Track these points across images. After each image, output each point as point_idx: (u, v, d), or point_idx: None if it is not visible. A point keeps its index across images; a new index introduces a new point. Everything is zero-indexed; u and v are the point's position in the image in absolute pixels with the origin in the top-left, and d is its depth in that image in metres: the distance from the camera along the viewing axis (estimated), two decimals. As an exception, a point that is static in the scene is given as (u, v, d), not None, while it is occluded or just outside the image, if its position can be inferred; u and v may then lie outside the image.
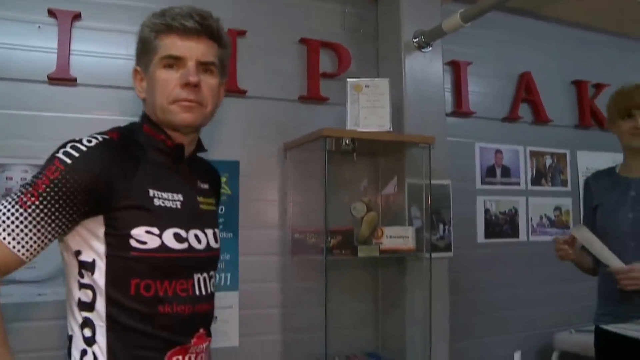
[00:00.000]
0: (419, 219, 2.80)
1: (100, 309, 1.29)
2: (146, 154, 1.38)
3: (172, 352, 1.33)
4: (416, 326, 2.76)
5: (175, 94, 1.35)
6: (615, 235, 2.37)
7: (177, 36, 1.36)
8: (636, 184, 2.37)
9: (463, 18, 2.52)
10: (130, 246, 1.29)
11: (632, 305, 2.29)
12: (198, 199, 1.47)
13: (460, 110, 3.32)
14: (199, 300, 1.40)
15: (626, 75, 3.90)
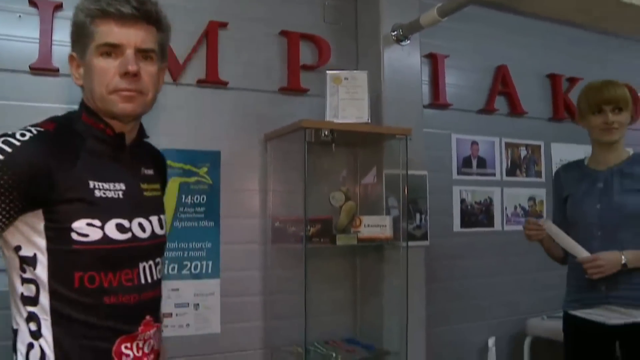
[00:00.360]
0: (396, 209, 2.86)
1: (45, 303, 1.28)
2: (85, 143, 1.34)
3: (120, 341, 1.33)
4: (393, 313, 2.82)
5: (115, 83, 1.32)
6: (584, 224, 2.45)
7: (114, 22, 1.31)
8: (604, 176, 2.45)
9: (440, 13, 2.58)
10: (72, 239, 1.27)
11: (597, 292, 2.38)
12: (142, 186, 1.45)
13: (437, 102, 3.38)
14: (145, 289, 1.39)
15: (599, 70, 4.00)
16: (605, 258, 2.30)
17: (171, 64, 2.56)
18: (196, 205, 2.63)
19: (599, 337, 2.43)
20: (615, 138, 2.45)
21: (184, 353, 2.52)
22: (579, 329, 2.49)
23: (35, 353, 1.27)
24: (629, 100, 2.47)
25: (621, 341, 2.38)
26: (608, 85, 2.48)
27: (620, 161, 2.46)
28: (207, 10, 2.72)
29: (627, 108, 2.46)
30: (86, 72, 1.34)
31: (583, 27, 4.07)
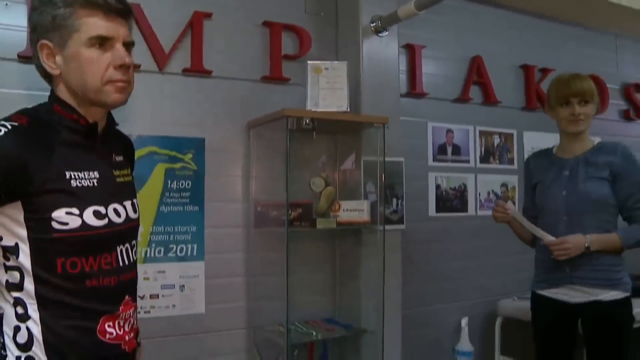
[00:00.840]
0: (373, 194, 2.94)
1: (29, 288, 1.32)
2: (59, 135, 1.37)
3: (103, 320, 1.39)
4: (370, 294, 2.91)
5: (110, 74, 1.36)
6: (551, 210, 2.58)
7: (102, 15, 1.35)
8: (570, 164, 2.58)
9: (417, 6, 2.67)
10: (52, 228, 1.31)
11: (563, 273, 2.52)
12: (114, 173, 1.49)
13: (414, 92, 3.47)
14: (123, 271, 1.45)
15: (570, 61, 4.11)
16: (570, 241, 2.44)
17: (157, 53, 2.62)
18: (181, 191, 2.69)
19: (563, 315, 2.57)
20: (581, 129, 2.58)
21: (170, 333, 2.60)
22: (545, 307, 2.64)
23: (22, 334, 1.32)
24: (594, 92, 2.59)
25: (583, 318, 2.53)
26: (575, 78, 2.60)
27: (585, 150, 2.59)
28: (192, 1, 2.76)
29: (593, 100, 2.57)
30: (70, 62, 1.36)
31: (555, 19, 4.17)
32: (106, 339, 1.38)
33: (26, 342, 1.32)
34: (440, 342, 3.59)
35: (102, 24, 1.35)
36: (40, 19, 1.35)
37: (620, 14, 4.07)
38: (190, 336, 2.70)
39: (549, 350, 2.67)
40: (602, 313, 2.49)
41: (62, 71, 1.36)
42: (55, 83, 1.40)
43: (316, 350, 2.98)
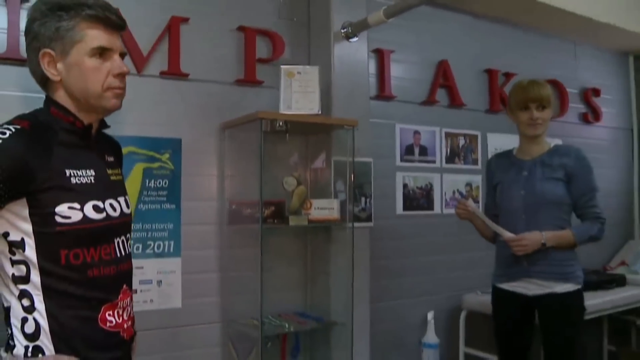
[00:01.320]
0: (343, 193, 3.04)
1: (36, 281, 1.41)
2: (57, 136, 1.47)
3: (104, 309, 1.49)
4: (340, 288, 3.01)
5: (109, 82, 1.49)
6: (510, 208, 2.74)
7: (103, 28, 1.48)
8: (528, 166, 2.74)
9: (386, 14, 2.80)
10: (56, 222, 1.41)
11: (521, 267, 2.68)
12: (108, 172, 1.59)
13: (383, 95, 3.56)
14: (121, 261, 1.56)
15: (532, 66, 4.27)
16: (528, 238, 2.60)
17: (136, 56, 2.68)
18: (159, 189, 2.75)
19: (522, 307, 2.73)
20: (539, 132, 2.74)
21: (148, 327, 2.62)
22: (505, 299, 2.79)
23: (30, 325, 1.41)
24: (551, 98, 2.74)
25: (539, 309, 2.69)
26: (534, 85, 2.75)
27: (542, 152, 2.75)
28: (170, 6, 2.83)
29: (550, 105, 2.73)
30: (72, 69, 1.47)
31: (518, 26, 4.31)
32: (107, 327, 1.49)
33: (34, 332, 1.41)
34: (407, 334, 3.68)
35: (103, 36, 1.48)
36: (42, 29, 1.45)
37: (577, 22, 4.24)
38: (168, 330, 2.76)
39: (509, 339, 2.83)
40: (557, 304, 2.65)
41: (62, 78, 1.48)
42: (53, 88, 1.50)
43: (288, 342, 3.08)
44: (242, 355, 2.89)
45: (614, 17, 4.34)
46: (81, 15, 1.45)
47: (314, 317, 3.05)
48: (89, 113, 1.52)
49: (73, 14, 1.45)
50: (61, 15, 1.45)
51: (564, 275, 2.66)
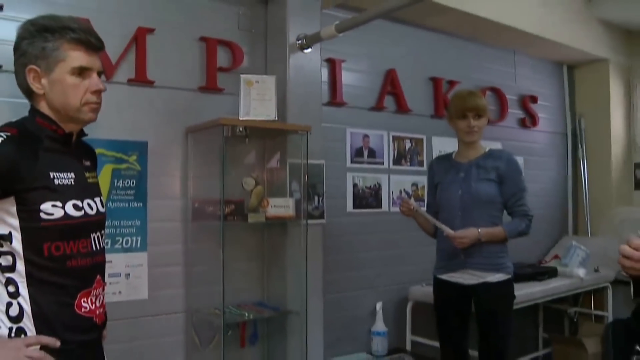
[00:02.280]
0: (297, 192, 3.20)
1: (21, 269, 1.57)
2: (42, 143, 1.62)
3: (80, 296, 1.65)
4: (295, 280, 3.17)
5: (87, 98, 1.66)
6: (449, 206, 3.00)
7: (84, 50, 1.65)
8: (465, 168, 3.01)
9: (337, 29, 3.00)
10: (40, 218, 1.57)
11: (458, 260, 2.95)
12: (86, 175, 1.74)
13: (334, 101, 3.73)
14: (96, 254, 1.72)
15: (474, 74, 4.55)
16: (467, 234, 2.87)
17: (105, 64, 2.76)
18: (127, 189, 2.89)
19: (459, 295, 2.99)
20: (475, 139, 3.01)
21: (116, 317, 2.69)
22: (444, 289, 3.05)
23: (14, 309, 1.58)
24: (486, 108, 3.02)
25: (475, 297, 2.95)
26: (471, 95, 3.03)
27: (478, 156, 3.02)
28: (137, 17, 2.94)
29: (485, 114, 3.00)
30: (55, 85, 1.63)
31: (461, 37, 4.52)
32: (82, 312, 1.66)
33: (17, 315, 1.58)
34: (357, 323, 3.84)
35: (84, 57, 1.65)
36: (30, 48, 1.63)
37: (516, 36, 4.52)
38: (135, 319, 2.87)
39: (448, 325, 3.08)
40: (490, 292, 2.92)
41: (46, 92, 1.65)
42: (37, 100, 1.67)
43: (247, 330, 3.25)
44: (204, 343, 3.07)
45: (549, 31, 4.62)
46: (65, 37, 1.63)
47: (271, 306, 3.22)
48: (68, 123, 1.69)
49: (58, 36, 1.62)
50: (47, 37, 1.62)
51: (496, 267, 2.93)
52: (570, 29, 4.87)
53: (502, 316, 2.95)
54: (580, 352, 4.33)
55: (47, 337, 1.59)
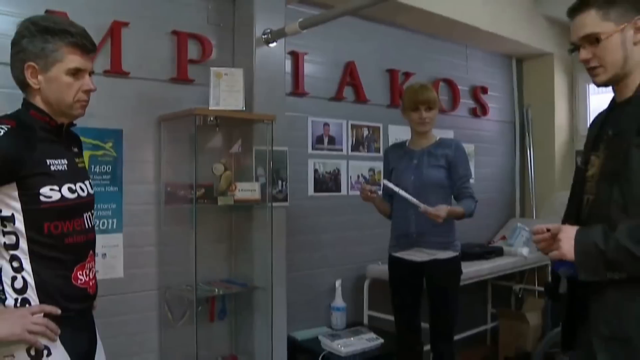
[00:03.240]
0: (263, 177, 3.38)
1: (24, 247, 1.73)
2: (37, 133, 1.77)
3: (77, 268, 1.83)
4: (261, 259, 3.36)
5: (79, 96, 1.83)
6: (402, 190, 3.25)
7: (80, 52, 1.81)
8: (417, 155, 3.26)
9: (301, 26, 3.18)
10: (40, 201, 1.73)
11: (411, 239, 3.20)
12: (75, 160, 1.91)
13: (297, 91, 3.92)
14: (88, 232, 1.90)
15: (428, 67, 4.78)
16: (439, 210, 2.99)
17: None
18: (103, 174, 3.02)
19: (412, 271, 3.23)
20: (427, 129, 3.26)
21: None
22: (398, 265, 3.30)
23: (19, 282, 1.76)
24: (437, 100, 3.26)
25: (426, 272, 3.20)
26: (423, 89, 3.26)
27: (429, 144, 3.27)
28: (112, 11, 3.06)
29: (436, 106, 3.24)
30: (51, 82, 1.79)
31: (417, 32, 4.74)
32: (78, 283, 1.86)
33: (22, 288, 1.77)
34: (318, 299, 4.06)
35: (79, 59, 1.83)
36: (30, 46, 1.78)
37: (468, 31, 4.78)
38: (112, 296, 2.99)
39: (402, 300, 3.33)
40: (440, 268, 3.18)
41: (41, 87, 1.81)
42: (32, 94, 1.83)
43: (217, 305, 3.43)
44: (176, 318, 3.25)
45: (499, 27, 4.90)
46: (64, 41, 1.80)
47: (239, 283, 3.41)
48: (60, 117, 1.88)
49: (57, 38, 1.79)
50: (47, 38, 1.77)
51: (445, 245, 3.20)
52: (519, 25, 5.16)
53: (451, 291, 3.22)
54: (524, 324, 4.67)
55: (49, 306, 1.78)
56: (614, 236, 1.57)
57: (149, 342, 3.25)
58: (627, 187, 1.64)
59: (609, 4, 1.72)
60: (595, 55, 1.76)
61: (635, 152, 1.62)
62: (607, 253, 1.57)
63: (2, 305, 1.78)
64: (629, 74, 1.75)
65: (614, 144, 1.73)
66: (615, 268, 1.59)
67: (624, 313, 1.64)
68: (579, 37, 1.79)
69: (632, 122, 1.68)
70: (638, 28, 1.72)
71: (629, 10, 1.72)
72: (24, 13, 2.66)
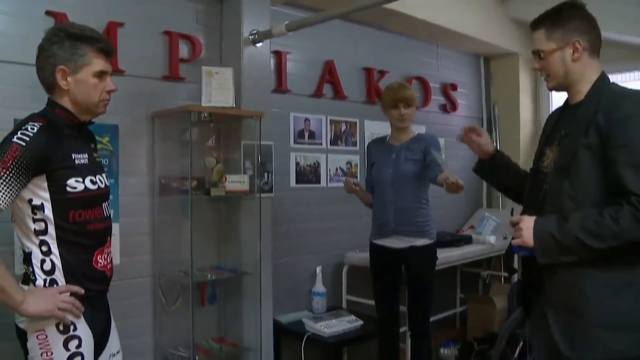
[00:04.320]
0: (251, 169, 3.56)
1: (52, 233, 1.93)
2: (62, 130, 1.97)
3: (97, 253, 2.05)
4: (249, 246, 3.54)
5: (103, 95, 2.06)
6: (383, 183, 3.48)
7: (104, 57, 2.04)
8: (396, 150, 3.48)
9: (287, 28, 3.37)
10: (67, 191, 1.93)
11: (390, 227, 3.43)
12: (94, 155, 2.11)
13: (280, 89, 4.09)
14: (107, 219, 2.12)
15: (402, 65, 4.99)
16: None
17: None
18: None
19: (392, 258, 3.47)
20: (406, 125, 3.49)
21: None
22: (378, 252, 3.53)
23: (47, 264, 1.96)
24: (414, 98, 3.49)
25: (404, 258, 3.43)
26: (401, 88, 3.49)
27: (408, 139, 3.50)
28: (107, 12, 3.20)
29: (414, 103, 3.47)
30: (78, 84, 2.00)
31: (392, 32, 4.95)
32: (98, 266, 2.07)
33: (50, 270, 1.97)
34: (301, 285, 4.25)
35: (104, 63, 2.06)
36: (60, 51, 1.99)
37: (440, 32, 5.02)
38: None
39: (383, 285, 3.56)
40: (417, 254, 3.41)
41: (70, 88, 2.02)
42: (60, 94, 2.03)
43: (207, 290, 3.62)
44: (170, 302, 3.44)
45: (469, 28, 5.15)
46: (92, 47, 2.02)
47: (229, 269, 3.59)
48: (84, 114, 2.08)
49: (86, 45, 2.01)
50: (76, 44, 1.99)
51: (422, 233, 3.43)
52: (487, 26, 5.43)
53: (427, 277, 3.47)
54: (491, 308, 4.95)
55: (75, 286, 1.99)
56: (567, 226, 1.87)
57: (144, 326, 3.39)
58: (576, 181, 1.93)
59: (554, 26, 2.04)
60: (543, 67, 2.09)
61: (583, 151, 1.91)
62: (562, 241, 1.87)
63: (33, 286, 1.97)
64: (575, 84, 2.05)
65: (565, 143, 2.01)
66: (567, 253, 1.88)
67: (574, 290, 1.92)
68: (532, 50, 2.13)
69: (580, 124, 1.96)
70: (576, 48, 2.02)
71: (570, 33, 2.02)
72: (24, 14, 2.91)
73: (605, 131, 1.88)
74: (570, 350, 1.92)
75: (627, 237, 1.80)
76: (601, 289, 1.89)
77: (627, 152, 1.84)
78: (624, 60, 5.24)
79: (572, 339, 1.92)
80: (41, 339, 1.95)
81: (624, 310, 1.87)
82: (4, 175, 1.81)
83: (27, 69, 2.79)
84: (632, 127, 1.86)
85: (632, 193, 1.80)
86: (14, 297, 1.86)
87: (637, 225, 1.78)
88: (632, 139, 1.85)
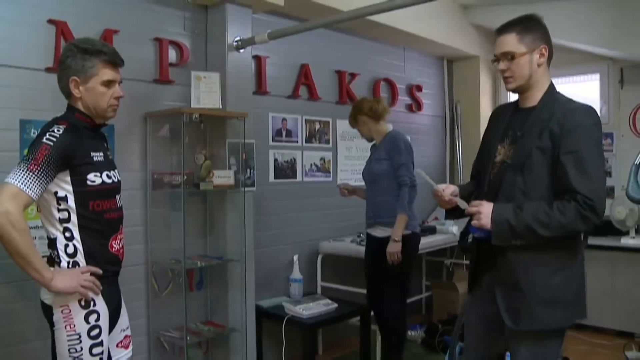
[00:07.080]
0: (234, 165, 3.82)
1: (74, 220, 2.18)
2: (82, 131, 2.21)
3: (112, 238, 2.30)
4: (233, 237, 3.82)
5: (111, 102, 2.29)
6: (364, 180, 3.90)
7: (112, 67, 2.27)
8: (373, 150, 3.90)
9: (269, 37, 3.66)
10: (87, 184, 2.18)
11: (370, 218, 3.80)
12: (107, 153, 2.35)
13: (260, 90, 4.34)
14: (120, 209, 2.37)
15: (371, 67, 5.29)
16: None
17: None
18: None
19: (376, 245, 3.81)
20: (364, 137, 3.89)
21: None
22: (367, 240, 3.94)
23: (70, 248, 2.22)
24: (353, 117, 3.96)
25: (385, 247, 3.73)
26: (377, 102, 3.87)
27: (381, 140, 3.87)
28: (104, 20, 3.43)
29: (354, 125, 3.98)
30: (90, 92, 2.24)
31: (362, 36, 5.24)
32: (113, 250, 2.35)
33: (72, 253, 2.23)
34: (279, 272, 4.51)
35: (111, 73, 2.31)
36: (73, 64, 2.24)
37: (406, 37, 5.35)
38: None
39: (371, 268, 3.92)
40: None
41: (82, 96, 2.29)
42: (75, 100, 2.30)
43: (195, 276, 3.90)
44: (161, 288, 3.71)
45: (433, 33, 5.50)
46: (99, 59, 2.27)
47: (215, 257, 3.87)
48: (97, 118, 2.35)
49: (94, 57, 2.26)
50: (86, 57, 2.24)
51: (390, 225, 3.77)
52: (450, 31, 5.78)
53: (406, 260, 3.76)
54: (454, 293, 5.34)
55: (94, 267, 2.27)
56: (521, 215, 2.18)
57: (138, 310, 3.62)
58: (528, 177, 2.25)
59: (525, 31, 2.29)
60: (509, 68, 2.32)
61: (536, 152, 2.23)
62: (516, 227, 2.18)
63: (58, 267, 2.25)
64: (532, 87, 2.33)
65: (521, 143, 2.31)
66: (518, 237, 2.20)
67: (519, 270, 2.26)
68: (500, 52, 2.34)
69: (534, 127, 2.27)
70: (542, 54, 2.30)
71: (537, 39, 2.30)
72: (28, 21, 3.15)
73: (557, 137, 2.18)
74: (512, 322, 2.27)
75: (570, 229, 2.15)
76: (540, 269, 2.23)
77: (575, 157, 2.15)
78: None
79: (516, 313, 2.26)
80: (65, 313, 2.22)
81: (555, 288, 2.23)
82: (36, 170, 2.05)
83: (30, 73, 3.17)
84: (580, 136, 2.17)
85: (578, 192, 2.11)
86: (45, 275, 2.12)
87: (580, 219, 2.12)
88: (580, 146, 2.15)
